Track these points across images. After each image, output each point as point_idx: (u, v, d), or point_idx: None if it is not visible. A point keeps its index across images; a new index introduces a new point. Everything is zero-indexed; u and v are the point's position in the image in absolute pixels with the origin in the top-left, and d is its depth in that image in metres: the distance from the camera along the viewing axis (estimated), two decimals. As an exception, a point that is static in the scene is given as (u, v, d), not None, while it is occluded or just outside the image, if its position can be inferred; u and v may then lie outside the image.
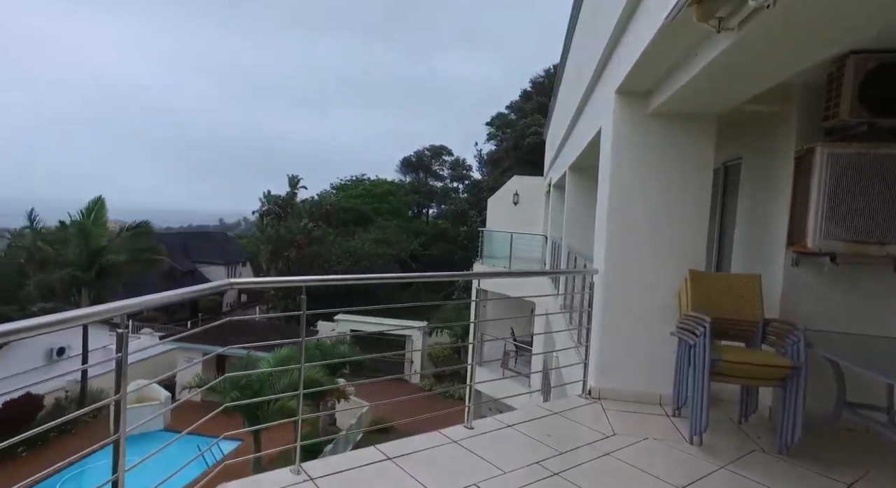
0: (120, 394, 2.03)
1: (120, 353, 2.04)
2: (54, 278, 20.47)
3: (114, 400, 2.03)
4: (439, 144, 54.52)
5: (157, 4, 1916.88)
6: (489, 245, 16.78)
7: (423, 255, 42.83)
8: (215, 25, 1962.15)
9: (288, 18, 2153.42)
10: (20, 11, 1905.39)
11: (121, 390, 2.05)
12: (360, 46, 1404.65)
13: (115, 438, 2.03)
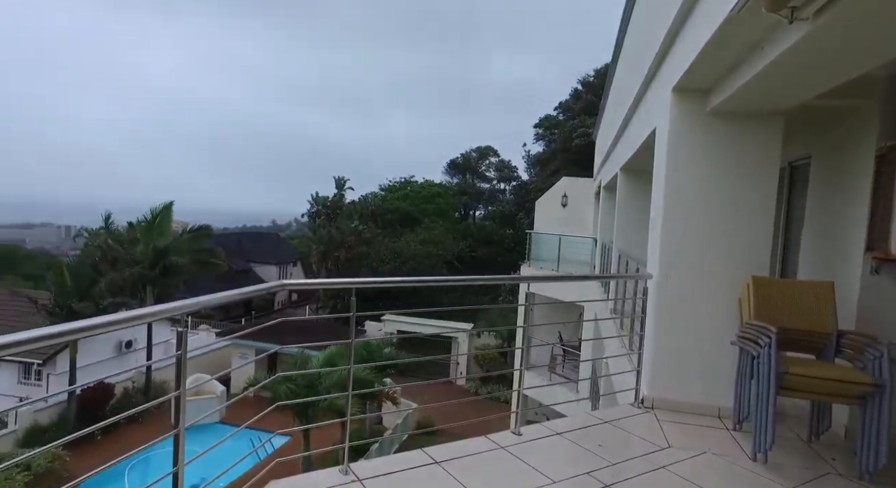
0: (180, 390, 2.10)
1: (180, 351, 2.11)
2: (124, 276, 21.75)
3: (174, 396, 2.10)
4: (486, 145, 54.37)
5: (216, 18, 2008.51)
6: (537, 247, 16.55)
7: (470, 257, 42.81)
8: (270, 35, 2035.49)
9: (339, 26, 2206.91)
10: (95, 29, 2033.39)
11: (181, 386, 2.12)
12: (411, 50, 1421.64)
13: (175, 432, 2.11)
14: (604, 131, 13.14)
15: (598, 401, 8.30)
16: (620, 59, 9.07)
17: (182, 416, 2.12)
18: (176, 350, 2.11)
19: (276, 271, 46.22)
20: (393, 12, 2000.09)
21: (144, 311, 1.92)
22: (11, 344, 1.48)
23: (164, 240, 22.37)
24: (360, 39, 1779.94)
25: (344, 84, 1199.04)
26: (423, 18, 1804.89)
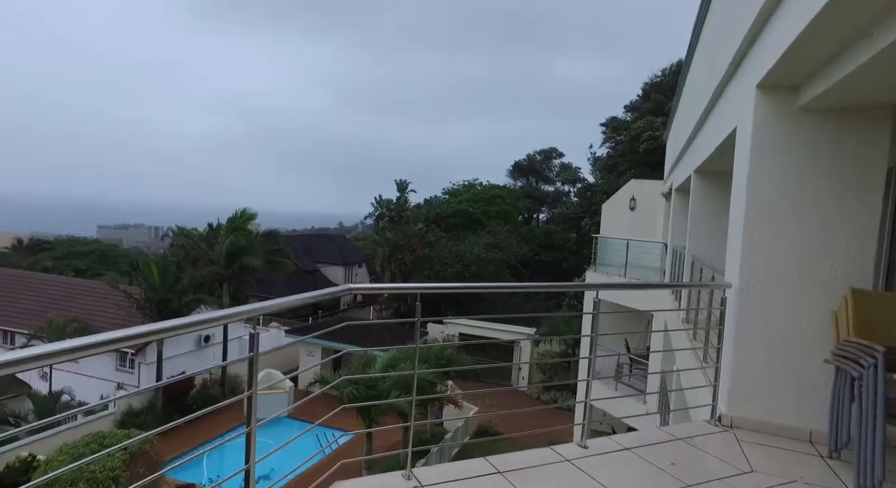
0: (252, 390, 2.17)
1: (252, 352, 2.18)
2: (203, 274, 23.23)
3: (246, 396, 2.17)
4: (550, 148, 53.48)
5: (293, 33, 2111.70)
6: (603, 252, 16.04)
7: (533, 261, 42.21)
8: (344, 46, 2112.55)
9: (408, 34, 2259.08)
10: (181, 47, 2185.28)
11: (253, 386, 2.19)
12: (478, 54, 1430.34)
13: (247, 431, 2.18)
14: (675, 132, 12.53)
15: (669, 416, 7.89)
16: (695, 57, 8.61)
17: (254, 415, 2.18)
18: (249, 351, 2.18)
19: (342, 272, 47.66)
20: (462, 17, 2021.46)
21: (223, 313, 2.00)
22: (113, 340, 1.59)
23: (239, 242, 23.65)
24: (428, 45, 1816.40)
25: (412, 89, 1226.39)
26: (490, 22, 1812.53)
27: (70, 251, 57.39)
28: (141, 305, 21.50)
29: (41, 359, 1.44)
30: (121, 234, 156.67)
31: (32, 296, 28.50)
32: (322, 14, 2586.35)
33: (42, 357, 1.44)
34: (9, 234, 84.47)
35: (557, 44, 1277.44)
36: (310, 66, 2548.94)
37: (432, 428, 21.64)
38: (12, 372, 1.42)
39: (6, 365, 1.37)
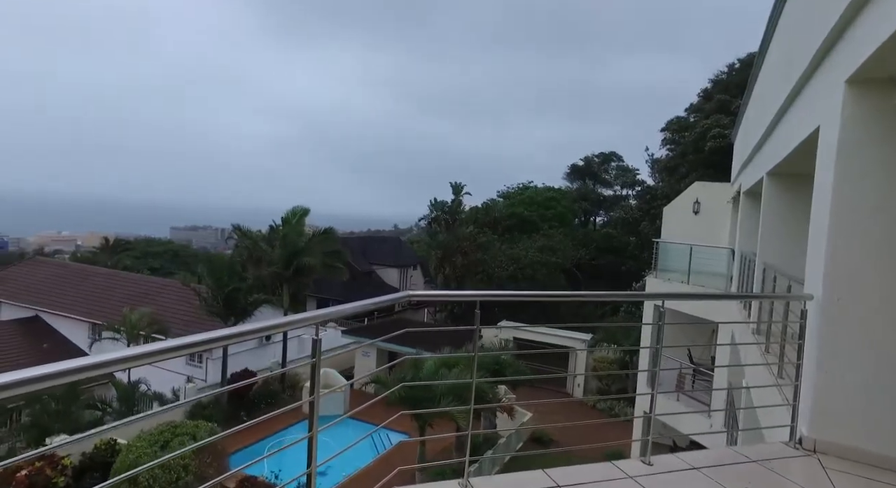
0: (315, 395, 2.20)
1: (315, 358, 2.21)
2: (264, 274, 24.20)
3: (309, 401, 2.20)
4: (609, 151, 52.16)
5: (352, 39, 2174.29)
6: (664, 257, 15.39)
7: (589, 266, 41.22)
8: (400, 51, 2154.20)
9: (465, 37, 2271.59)
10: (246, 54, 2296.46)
11: (315, 391, 2.22)
12: (537, 57, 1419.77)
13: (309, 435, 2.21)
14: (745, 132, 11.86)
15: (737, 434, 7.43)
16: (769, 51, 8.10)
17: (316, 420, 2.21)
18: (311, 356, 2.21)
19: (396, 274, 48.36)
20: (523, 21, 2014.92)
21: (286, 320, 2.04)
22: (190, 345, 1.66)
23: (298, 244, 24.47)
24: (489, 49, 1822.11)
25: (471, 93, 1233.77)
26: (548, 26, 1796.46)
27: (147, 251, 61.43)
28: (209, 303, 22.63)
29: (127, 362, 1.52)
30: (191, 235, 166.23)
31: (116, 292, 30.69)
32: (382, 22, 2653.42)
33: (129, 359, 1.52)
34: (97, 234, 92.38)
35: (617, 47, 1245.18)
36: (370, 72, 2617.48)
37: (484, 434, 21.50)
38: (102, 372, 1.50)
39: (96, 366, 1.45)
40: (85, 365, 1.48)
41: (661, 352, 3.96)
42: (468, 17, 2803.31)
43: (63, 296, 30.96)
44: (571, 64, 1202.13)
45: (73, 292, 31.31)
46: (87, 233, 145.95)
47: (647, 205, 41.32)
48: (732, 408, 8.32)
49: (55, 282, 32.88)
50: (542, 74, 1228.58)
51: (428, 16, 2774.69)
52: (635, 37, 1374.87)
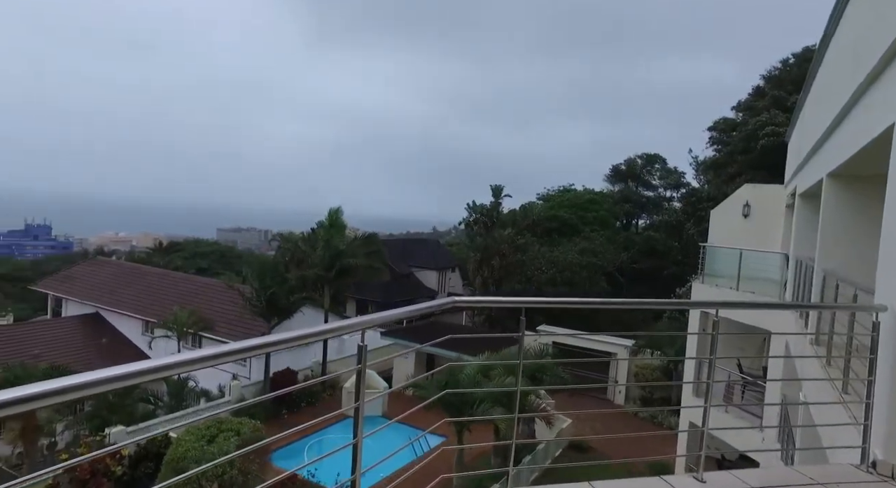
0: (360, 402, 2.18)
1: (360, 365, 2.19)
2: (306, 275, 24.71)
3: (354, 407, 2.19)
4: (653, 153, 50.84)
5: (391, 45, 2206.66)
6: (712, 262, 14.81)
7: (631, 269, 40.24)
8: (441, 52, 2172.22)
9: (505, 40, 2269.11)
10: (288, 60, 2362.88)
11: (359, 398, 2.20)
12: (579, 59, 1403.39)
13: (354, 442, 2.19)
14: (802, 131, 11.27)
15: (793, 452, 7.03)
16: (832, 44, 7.66)
17: (360, 428, 2.20)
18: (357, 362, 2.20)
19: (435, 276, 48.53)
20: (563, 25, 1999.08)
21: (330, 326, 2.04)
22: (236, 351, 1.67)
23: (339, 246, 24.88)
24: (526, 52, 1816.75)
25: (509, 96, 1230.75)
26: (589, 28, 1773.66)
27: (195, 251, 63.84)
28: (253, 303, 23.27)
29: (179, 367, 1.54)
30: (236, 237, 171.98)
31: (168, 290, 32.03)
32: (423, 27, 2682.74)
33: (180, 364, 1.54)
34: (150, 235, 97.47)
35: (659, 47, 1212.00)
36: (413, 76, 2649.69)
37: (523, 436, 21.25)
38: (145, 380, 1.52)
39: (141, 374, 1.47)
40: (152, 366, 1.52)
41: (715, 363, 3.77)
42: (508, 20, 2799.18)
43: (120, 294, 32.54)
44: (612, 65, 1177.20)
45: (128, 291, 32.86)
46: (141, 234, 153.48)
47: (691, 207, 40.01)
48: (788, 424, 7.89)
49: (113, 281, 34.61)
50: (583, 76, 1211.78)
51: (467, 17, 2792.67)
52: (679, 36, 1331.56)
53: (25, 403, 1.26)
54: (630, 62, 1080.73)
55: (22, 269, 57.05)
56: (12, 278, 46.38)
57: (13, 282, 43.71)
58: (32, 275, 45.20)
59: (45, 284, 37.20)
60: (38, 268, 56.84)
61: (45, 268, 53.18)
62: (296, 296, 24.04)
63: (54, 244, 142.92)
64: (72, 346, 27.56)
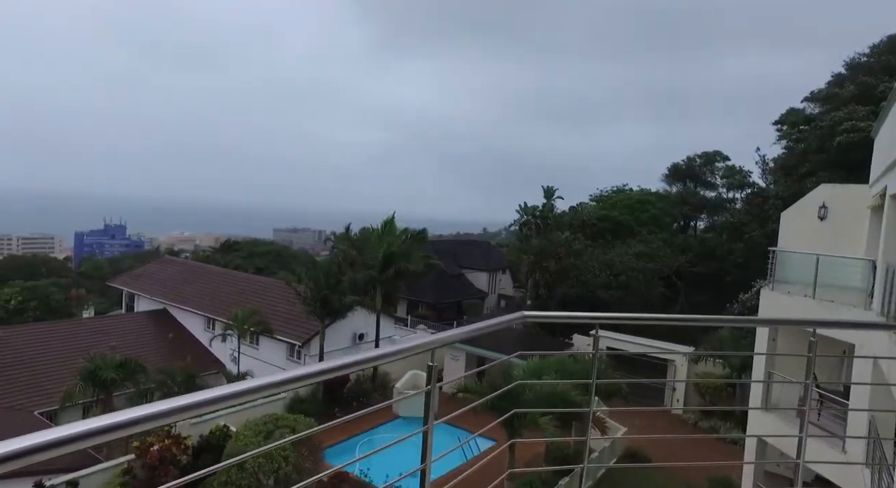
0: (428, 426, 2.07)
1: (429, 386, 2.08)
2: (358, 277, 25.10)
3: (423, 430, 2.08)
4: (714, 151, 48.51)
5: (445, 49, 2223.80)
6: (783, 267, 13.84)
7: (689, 273, 38.54)
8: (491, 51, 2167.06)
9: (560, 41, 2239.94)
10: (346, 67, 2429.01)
11: (429, 421, 2.09)
12: (636, 57, 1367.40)
13: (422, 467, 2.08)
14: (893, 126, 10.34)
15: (886, 474, 6.41)
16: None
17: (430, 450, 2.08)
18: (426, 383, 2.09)
19: (486, 278, 48.34)
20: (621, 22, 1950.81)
21: (400, 347, 1.93)
22: (319, 373, 1.61)
23: (391, 248, 25.13)
24: (583, 51, 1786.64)
25: (565, 97, 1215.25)
26: (650, 24, 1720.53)
27: (253, 251, 66.40)
28: (308, 303, 23.86)
29: (262, 391, 1.49)
30: (291, 237, 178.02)
31: (228, 289, 33.46)
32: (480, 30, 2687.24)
33: (260, 389, 1.49)
34: (211, 235, 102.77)
35: (719, 42, 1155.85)
36: (464, 77, 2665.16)
37: (575, 445, 20.73)
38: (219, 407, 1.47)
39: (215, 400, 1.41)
40: (237, 391, 1.48)
41: (768, 363, 3.43)
42: (567, 20, 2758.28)
43: (184, 291, 34.27)
44: (675, 63, 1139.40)
45: (192, 288, 34.55)
46: (204, 234, 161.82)
47: (755, 208, 37.87)
48: (880, 446, 7.21)
49: (179, 279, 36.51)
50: (644, 74, 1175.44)
51: (524, 18, 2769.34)
52: (748, 29, 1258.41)
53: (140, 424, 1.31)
54: (693, 58, 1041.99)
55: (101, 267, 61.33)
56: (90, 276, 49.85)
57: (94, 279, 46.94)
58: (110, 272, 48.37)
59: (119, 281, 39.73)
60: (114, 266, 60.98)
61: (120, 266, 56.97)
62: (349, 298, 24.45)
63: (128, 243, 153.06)
64: (142, 340, 29.25)
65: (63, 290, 44.51)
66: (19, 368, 24.28)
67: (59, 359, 24.99)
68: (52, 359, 25.16)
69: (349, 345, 28.09)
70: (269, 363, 27.80)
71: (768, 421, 12.74)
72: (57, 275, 51.35)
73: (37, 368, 24.53)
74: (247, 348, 27.74)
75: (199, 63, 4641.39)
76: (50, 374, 23.98)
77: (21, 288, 42.03)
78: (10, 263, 66.85)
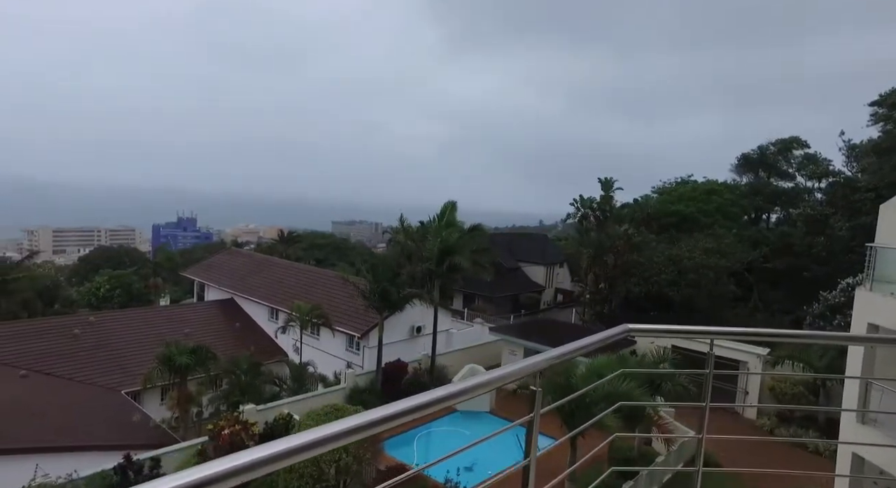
0: (530, 459, 1.82)
1: (533, 413, 1.83)
2: (416, 270, 25.15)
3: (523, 465, 1.83)
4: (790, 137, 45.22)
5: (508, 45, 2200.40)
6: (884, 265, 12.56)
7: (762, 268, 36.21)
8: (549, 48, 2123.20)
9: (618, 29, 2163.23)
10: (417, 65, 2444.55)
11: (531, 453, 1.84)
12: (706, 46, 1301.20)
13: (527, 461, 1.84)
14: None
15: None
16: None
17: (534, 445, 1.83)
18: (530, 411, 1.83)
19: (543, 271, 47.48)
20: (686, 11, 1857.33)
21: (504, 373, 1.69)
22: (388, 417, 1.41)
23: (448, 241, 24.99)
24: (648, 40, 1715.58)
25: (628, 88, 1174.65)
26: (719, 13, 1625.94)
27: (313, 243, 68.44)
28: (367, 296, 24.17)
29: (345, 436, 1.29)
30: (349, 229, 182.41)
31: (289, 280, 34.58)
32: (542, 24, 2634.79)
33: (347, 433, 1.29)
34: (274, 227, 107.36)
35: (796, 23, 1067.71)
36: (524, 70, 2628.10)
37: (640, 446, 19.97)
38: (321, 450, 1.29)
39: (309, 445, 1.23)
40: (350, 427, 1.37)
41: (867, 370, 2.90)
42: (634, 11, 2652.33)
43: (250, 282, 35.72)
44: (745, 51, 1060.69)
45: (257, 279, 35.96)
46: (267, 226, 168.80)
47: (841, 199, 34.98)
48: None
49: (244, 270, 38.11)
50: (706, 64, 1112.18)
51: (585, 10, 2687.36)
52: (831, 10, 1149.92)
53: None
54: (772, 45, 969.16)
55: (174, 257, 65.19)
56: (165, 266, 52.98)
57: (168, 269, 49.92)
58: (182, 263, 51.26)
59: (191, 271, 41.98)
60: (187, 256, 64.61)
61: (192, 257, 60.26)
62: (407, 291, 24.56)
63: (199, 234, 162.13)
64: (212, 328, 30.73)
65: (142, 279, 47.60)
66: (108, 350, 26.16)
67: (140, 343, 26.74)
68: (134, 343, 26.96)
69: (406, 338, 28.32)
70: (330, 353, 28.50)
71: (865, 431, 11.63)
72: (138, 265, 55.01)
73: (122, 351, 26.35)
74: (308, 338, 28.56)
75: (275, 63, 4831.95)
76: (132, 357, 25.70)
77: (108, 276, 45.49)
78: (100, 254, 72.94)
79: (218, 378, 22.27)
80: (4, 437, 16.94)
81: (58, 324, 27.22)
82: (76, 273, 62.56)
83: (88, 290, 44.64)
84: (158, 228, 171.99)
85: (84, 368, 24.67)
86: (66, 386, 23.17)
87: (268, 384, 22.38)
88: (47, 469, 14.57)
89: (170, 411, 21.94)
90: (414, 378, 24.24)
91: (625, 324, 2.44)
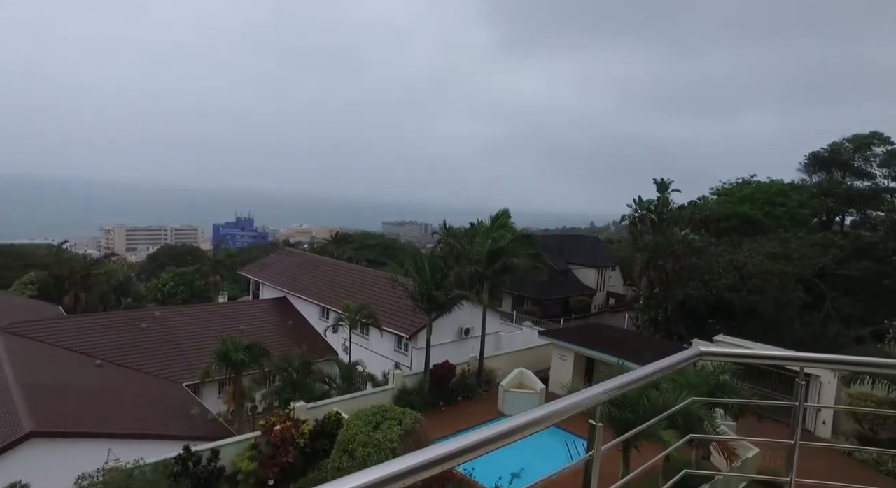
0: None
1: (591, 452, 1.60)
2: (465, 272, 24.96)
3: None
4: (871, 131, 41.99)
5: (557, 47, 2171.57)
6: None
7: (836, 274, 33.70)
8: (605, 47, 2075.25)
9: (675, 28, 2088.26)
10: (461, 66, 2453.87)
11: (591, 484, 1.62)
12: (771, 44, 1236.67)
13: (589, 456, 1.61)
14: None
15: None
16: None
17: (597, 445, 1.60)
18: (586, 451, 1.61)
19: (594, 274, 46.27)
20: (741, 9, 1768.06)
21: (567, 404, 1.48)
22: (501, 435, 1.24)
23: (498, 242, 24.66)
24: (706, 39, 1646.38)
25: (686, 86, 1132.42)
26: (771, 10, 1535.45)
27: (363, 244, 69.63)
28: (415, 298, 24.21)
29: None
30: (398, 230, 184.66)
31: (339, 280, 35.24)
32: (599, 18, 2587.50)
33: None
34: (326, 228, 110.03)
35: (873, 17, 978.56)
36: (576, 69, 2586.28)
37: (697, 462, 18.96)
38: None
39: None
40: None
41: None
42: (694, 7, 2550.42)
43: (302, 281, 36.65)
44: (813, 46, 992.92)
45: (308, 278, 36.86)
46: (319, 226, 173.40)
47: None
48: None
49: (297, 270, 39.17)
50: (774, 59, 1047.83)
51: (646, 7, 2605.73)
52: None
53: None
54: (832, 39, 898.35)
55: (233, 256, 68.07)
56: (223, 264, 55.39)
57: (227, 267, 52.20)
58: (239, 261, 53.40)
59: (247, 270, 43.57)
60: (243, 255, 67.30)
61: (248, 256, 62.68)
62: (455, 292, 24.40)
63: (255, 234, 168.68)
64: (266, 325, 31.73)
65: (203, 277, 49.93)
66: (171, 345, 27.52)
67: (199, 338, 27.96)
68: (195, 337, 28.22)
69: (455, 339, 28.21)
70: (379, 353, 28.78)
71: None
72: (199, 263, 57.79)
73: (183, 345, 27.64)
74: (357, 338, 28.94)
75: (330, 65, 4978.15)
76: (192, 352, 26.91)
77: (173, 274, 48.10)
78: (166, 252, 77.55)
79: (271, 374, 22.89)
80: (85, 422, 18.11)
81: (127, 318, 28.92)
82: (145, 269, 66.52)
83: (155, 286, 47.32)
84: (218, 227, 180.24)
85: (150, 360, 26.04)
86: (134, 376, 24.54)
87: (318, 382, 22.79)
88: (118, 453, 15.44)
89: (225, 405, 22.76)
90: (461, 379, 24.08)
91: (697, 347, 2.16)
